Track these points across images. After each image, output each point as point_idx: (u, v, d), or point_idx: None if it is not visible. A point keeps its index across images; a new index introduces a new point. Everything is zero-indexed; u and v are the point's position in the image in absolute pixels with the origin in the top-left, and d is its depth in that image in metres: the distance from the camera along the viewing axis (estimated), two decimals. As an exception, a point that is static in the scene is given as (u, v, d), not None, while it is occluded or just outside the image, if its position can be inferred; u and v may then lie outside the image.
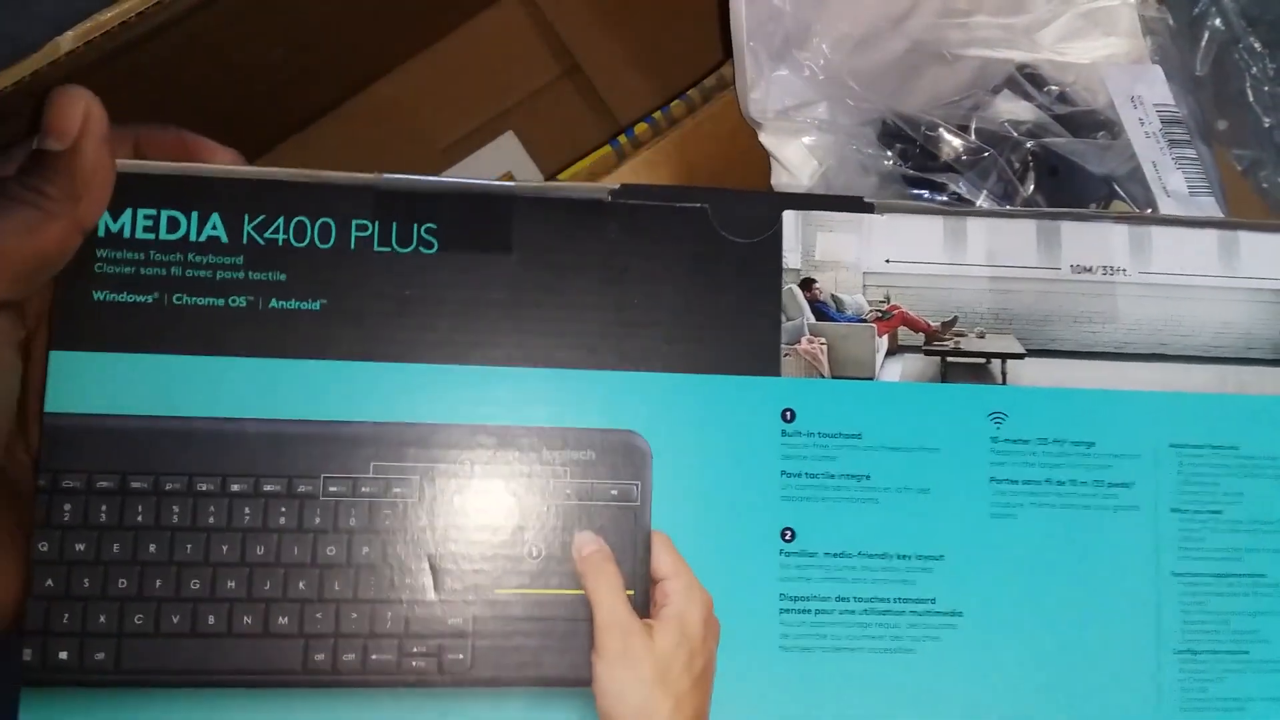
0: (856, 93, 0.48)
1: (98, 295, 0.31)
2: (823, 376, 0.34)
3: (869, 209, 0.35)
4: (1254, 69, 0.49)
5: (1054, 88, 0.50)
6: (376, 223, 0.32)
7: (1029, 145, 0.49)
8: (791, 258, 0.34)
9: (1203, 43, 0.48)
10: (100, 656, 0.30)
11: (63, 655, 0.30)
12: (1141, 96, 0.47)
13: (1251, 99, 0.50)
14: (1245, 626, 0.35)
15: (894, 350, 0.34)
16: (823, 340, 0.34)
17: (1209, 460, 0.35)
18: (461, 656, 0.31)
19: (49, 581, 0.30)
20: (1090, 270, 0.35)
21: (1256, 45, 0.48)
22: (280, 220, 0.32)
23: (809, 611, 0.33)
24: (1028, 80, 0.50)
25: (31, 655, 0.30)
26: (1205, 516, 0.35)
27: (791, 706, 0.32)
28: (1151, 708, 0.34)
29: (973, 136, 0.49)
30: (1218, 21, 0.49)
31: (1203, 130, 0.48)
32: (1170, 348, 0.35)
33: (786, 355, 0.34)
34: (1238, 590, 0.35)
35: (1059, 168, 0.47)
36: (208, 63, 0.41)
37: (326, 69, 0.52)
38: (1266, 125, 0.50)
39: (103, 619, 0.30)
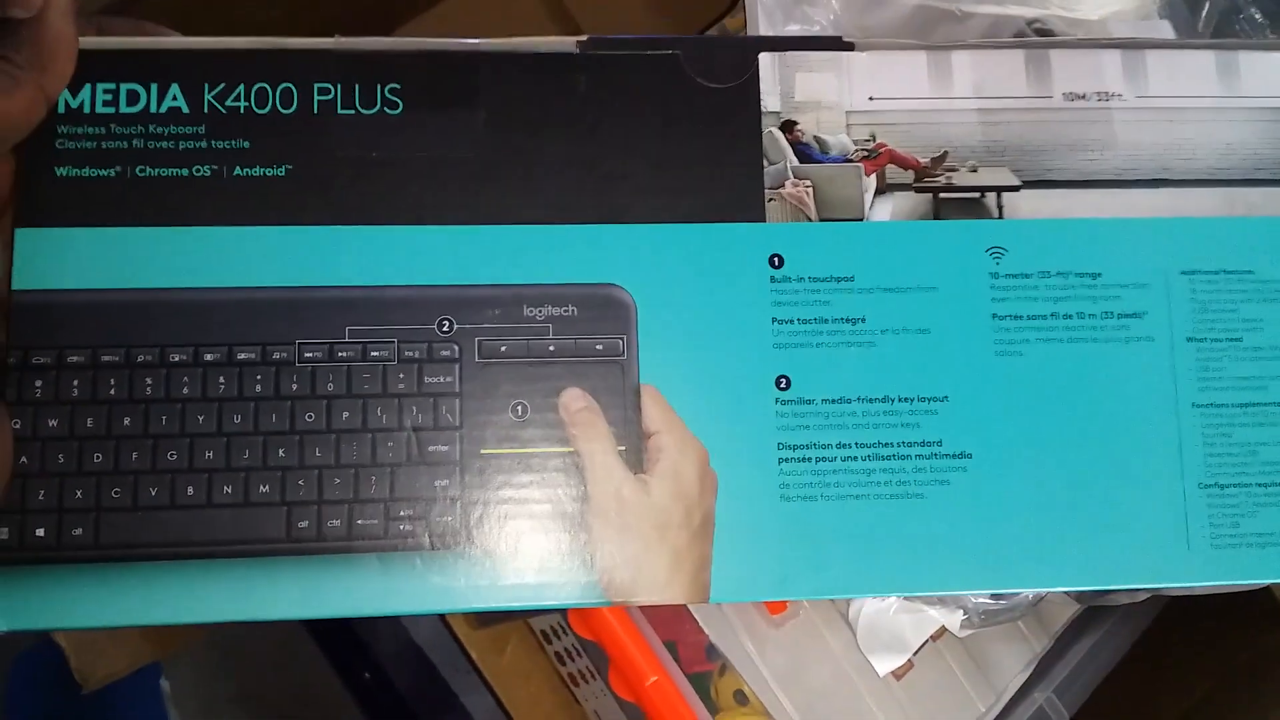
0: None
1: (60, 171, 0.31)
2: (810, 220, 0.33)
3: (849, 47, 0.34)
4: (1254, 40, 0.48)
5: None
6: (339, 85, 0.32)
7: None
8: (770, 100, 0.33)
9: (1204, 12, 0.47)
10: (78, 532, 0.29)
11: (40, 533, 0.29)
12: None
13: (1253, 70, 0.48)
14: (1275, 457, 0.33)
15: (883, 189, 0.33)
16: (808, 183, 0.33)
17: (1223, 286, 0.33)
18: (450, 519, 0.30)
19: (23, 459, 0.29)
20: (1084, 97, 0.34)
21: (1257, 15, 0.47)
22: (241, 88, 0.31)
23: (809, 460, 0.32)
24: (1038, 35, 0.49)
25: (8, 534, 0.29)
26: (1224, 345, 0.33)
27: (796, 558, 0.31)
28: (1181, 546, 0.32)
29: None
30: (1219, -9, 0.47)
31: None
32: (1173, 172, 0.34)
33: (771, 200, 0.33)
34: (1264, 420, 0.33)
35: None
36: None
37: (324, 31, 0.51)
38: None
39: (79, 494, 0.29)
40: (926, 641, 0.42)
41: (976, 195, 0.33)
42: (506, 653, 0.51)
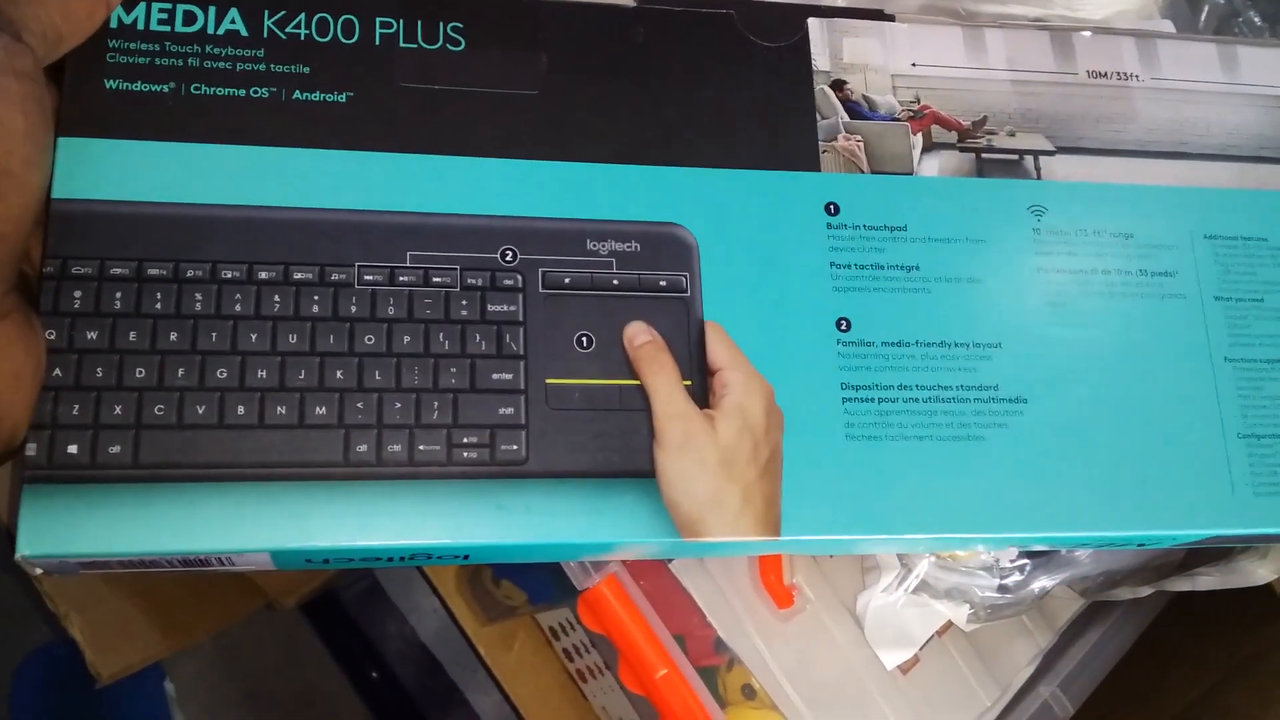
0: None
1: (110, 84, 0.29)
2: (862, 172, 0.33)
3: (889, 19, 0.35)
4: (1251, 38, 0.49)
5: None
6: (400, 20, 0.32)
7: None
8: (820, 60, 0.34)
9: (1203, 16, 0.47)
10: (116, 450, 0.27)
11: (72, 449, 0.27)
12: None
13: (1251, 73, 0.48)
14: None
15: (929, 148, 0.34)
16: (859, 137, 0.34)
17: (1242, 251, 0.35)
18: (515, 447, 0.29)
19: (56, 371, 0.27)
20: (1105, 76, 0.36)
21: (1256, 19, 0.47)
22: (302, 16, 0.31)
23: (872, 400, 0.31)
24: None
25: (35, 450, 0.26)
26: (1248, 304, 0.35)
27: (863, 496, 0.30)
28: (1226, 494, 0.33)
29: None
30: (1217, -6, 0.48)
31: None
32: (1190, 145, 0.36)
33: (824, 152, 0.33)
34: (1289, 377, 0.34)
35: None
36: None
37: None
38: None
39: (118, 410, 0.27)
40: (933, 636, 0.42)
41: (1016, 157, 0.34)
42: (514, 649, 0.49)
